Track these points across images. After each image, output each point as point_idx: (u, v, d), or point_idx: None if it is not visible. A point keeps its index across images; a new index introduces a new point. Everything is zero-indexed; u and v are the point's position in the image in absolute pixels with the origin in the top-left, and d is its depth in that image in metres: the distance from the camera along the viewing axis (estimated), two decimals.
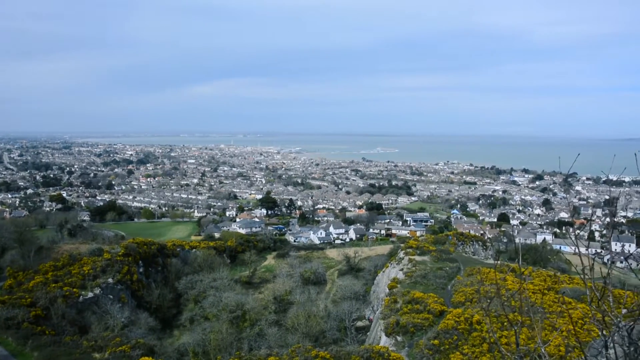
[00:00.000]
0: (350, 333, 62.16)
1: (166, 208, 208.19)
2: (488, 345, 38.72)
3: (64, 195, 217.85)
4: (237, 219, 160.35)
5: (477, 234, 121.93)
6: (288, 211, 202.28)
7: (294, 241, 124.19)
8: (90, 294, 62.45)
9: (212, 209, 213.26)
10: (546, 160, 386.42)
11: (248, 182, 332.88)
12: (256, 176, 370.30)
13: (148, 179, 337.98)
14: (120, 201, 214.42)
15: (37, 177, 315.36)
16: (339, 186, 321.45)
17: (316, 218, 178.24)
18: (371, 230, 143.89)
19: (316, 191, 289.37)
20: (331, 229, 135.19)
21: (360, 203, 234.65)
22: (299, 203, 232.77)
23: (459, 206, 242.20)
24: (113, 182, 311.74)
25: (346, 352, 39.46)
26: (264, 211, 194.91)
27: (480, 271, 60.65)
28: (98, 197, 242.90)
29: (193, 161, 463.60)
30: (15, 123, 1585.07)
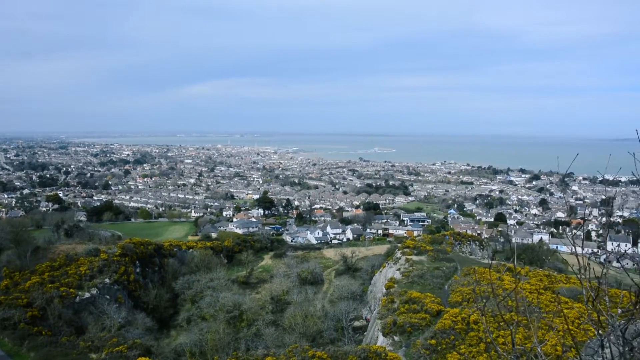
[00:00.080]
0: (347, 333, 62.14)
1: (163, 208, 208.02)
2: (485, 345, 38.81)
3: (61, 195, 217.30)
4: (234, 219, 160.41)
5: (474, 234, 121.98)
6: (285, 211, 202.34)
7: (291, 241, 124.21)
8: (87, 295, 62.23)
9: (209, 209, 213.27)
10: (544, 160, 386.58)
11: (245, 182, 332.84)
12: (253, 176, 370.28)
13: (145, 179, 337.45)
14: (117, 201, 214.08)
15: (34, 177, 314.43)
16: (336, 186, 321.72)
17: (313, 218, 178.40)
18: (368, 230, 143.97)
19: (313, 191, 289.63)
20: (328, 229, 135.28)
21: (357, 203, 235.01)
22: (296, 203, 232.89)
23: (456, 206, 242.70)
24: (110, 182, 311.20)
25: (343, 352, 39.49)
26: (261, 211, 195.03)
27: (477, 271, 60.74)
28: (95, 197, 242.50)
29: (190, 161, 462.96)
30: (15, 123, 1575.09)
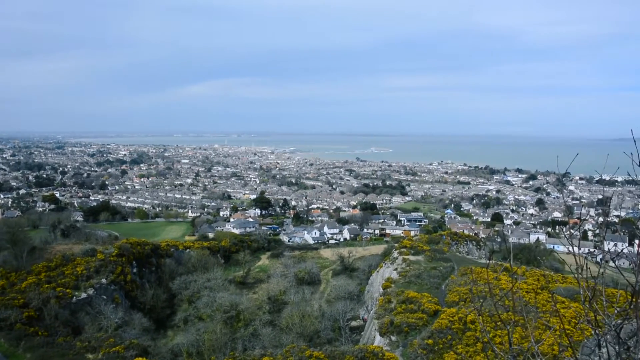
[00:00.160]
0: (344, 333, 62.17)
1: (160, 208, 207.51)
2: (482, 344, 38.85)
3: (57, 195, 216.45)
4: (231, 219, 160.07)
5: (471, 234, 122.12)
6: (282, 211, 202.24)
7: (288, 241, 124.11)
8: (83, 295, 62.09)
9: (206, 209, 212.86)
10: (541, 160, 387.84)
11: (242, 182, 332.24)
12: (250, 176, 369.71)
13: (142, 179, 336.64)
14: (113, 201, 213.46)
15: (30, 177, 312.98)
16: (333, 186, 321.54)
17: (310, 218, 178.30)
18: (365, 230, 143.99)
19: (310, 191, 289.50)
20: (325, 229, 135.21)
21: (354, 203, 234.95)
22: (293, 203, 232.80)
23: (453, 206, 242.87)
24: (106, 182, 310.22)
25: (340, 352, 39.50)
26: (258, 211, 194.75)
27: (473, 271, 60.79)
28: (91, 198, 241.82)
29: (187, 161, 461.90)
30: (13, 123, 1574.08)
